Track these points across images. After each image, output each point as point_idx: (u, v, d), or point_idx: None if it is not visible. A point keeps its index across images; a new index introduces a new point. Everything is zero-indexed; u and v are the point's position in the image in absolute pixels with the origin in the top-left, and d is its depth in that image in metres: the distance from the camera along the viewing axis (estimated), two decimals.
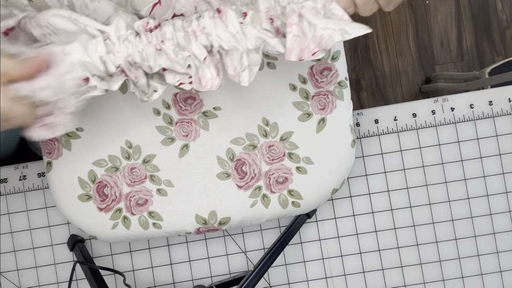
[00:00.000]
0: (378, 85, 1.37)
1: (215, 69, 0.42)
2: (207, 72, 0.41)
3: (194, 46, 0.40)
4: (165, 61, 0.41)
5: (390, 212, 0.65)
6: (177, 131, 0.57)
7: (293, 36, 0.40)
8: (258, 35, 0.41)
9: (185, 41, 0.41)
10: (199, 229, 0.58)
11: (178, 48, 0.41)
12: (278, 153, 0.57)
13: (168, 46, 0.41)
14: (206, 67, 0.41)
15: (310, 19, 0.39)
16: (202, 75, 0.41)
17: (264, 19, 0.41)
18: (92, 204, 0.57)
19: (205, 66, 0.41)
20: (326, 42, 0.39)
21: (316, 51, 0.40)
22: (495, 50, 1.38)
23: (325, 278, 0.65)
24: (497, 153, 0.65)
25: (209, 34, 0.40)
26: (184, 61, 0.41)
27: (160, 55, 0.41)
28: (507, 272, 0.65)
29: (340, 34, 0.39)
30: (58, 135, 0.42)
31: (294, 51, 0.40)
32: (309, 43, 0.40)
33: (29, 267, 0.65)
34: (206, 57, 0.41)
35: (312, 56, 0.40)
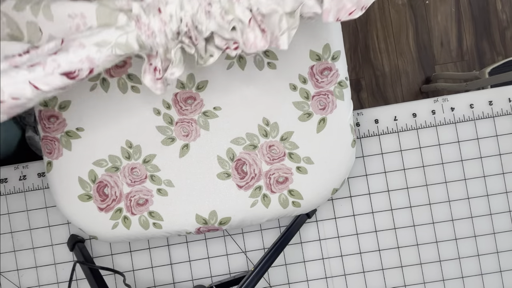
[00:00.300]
0: (378, 85, 1.37)
1: (260, 31, 0.41)
2: (251, 35, 0.41)
3: (237, 9, 0.41)
4: (214, 25, 0.41)
5: (390, 212, 0.65)
6: (177, 131, 0.57)
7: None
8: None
9: (229, 4, 0.41)
10: (199, 229, 0.58)
11: (224, 11, 0.41)
12: (279, 153, 0.57)
13: (215, 9, 0.41)
14: (251, 30, 0.41)
15: None
16: (246, 38, 0.41)
17: None
18: (92, 204, 0.57)
19: (250, 28, 0.41)
20: (365, 1, 0.40)
21: (353, 10, 0.40)
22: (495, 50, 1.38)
23: (325, 278, 0.65)
24: (497, 153, 0.65)
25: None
26: (229, 25, 0.41)
27: (209, 19, 0.41)
28: (507, 272, 0.65)
29: None
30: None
31: (332, 11, 0.41)
32: (345, 3, 0.40)
33: (29, 267, 0.65)
34: (250, 19, 0.41)
35: (349, 16, 0.41)
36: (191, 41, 0.42)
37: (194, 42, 0.42)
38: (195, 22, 0.41)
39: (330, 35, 0.57)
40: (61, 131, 0.57)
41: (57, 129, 0.57)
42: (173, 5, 0.40)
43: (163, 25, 0.40)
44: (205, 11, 0.40)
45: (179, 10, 0.40)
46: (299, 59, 0.57)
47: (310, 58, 0.57)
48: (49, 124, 0.57)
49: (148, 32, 0.40)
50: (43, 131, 0.57)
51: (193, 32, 0.41)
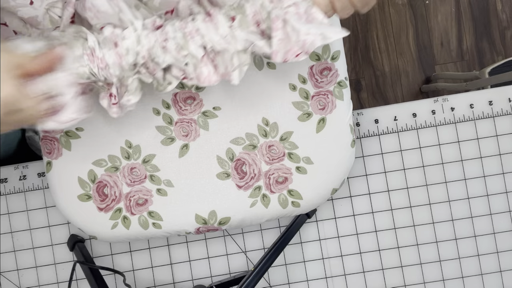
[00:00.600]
0: (378, 85, 1.37)
1: (213, 66, 0.44)
2: (204, 69, 0.44)
3: (191, 46, 0.43)
4: (170, 58, 0.43)
5: (390, 212, 0.65)
6: (177, 131, 0.57)
7: (278, 39, 0.43)
8: (247, 37, 0.43)
9: (183, 41, 0.43)
10: (199, 229, 0.58)
11: (179, 47, 0.43)
12: (278, 153, 0.57)
13: (171, 44, 0.43)
14: (204, 65, 0.44)
15: (294, 25, 0.42)
16: (200, 72, 0.44)
17: (251, 22, 0.44)
18: (92, 204, 0.57)
19: (203, 64, 0.44)
20: (308, 47, 0.43)
21: (299, 53, 0.43)
22: (495, 50, 1.38)
23: (325, 278, 0.65)
24: (497, 153, 0.65)
25: (203, 35, 0.43)
26: (184, 59, 0.43)
27: (165, 53, 0.43)
28: (507, 272, 0.65)
29: (321, 38, 0.42)
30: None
31: (279, 52, 0.43)
32: (293, 46, 0.43)
33: (29, 267, 0.65)
34: (204, 55, 0.43)
35: (295, 57, 0.43)
36: (148, 71, 0.44)
37: (152, 72, 0.44)
38: (151, 55, 0.43)
39: None
40: (60, 131, 0.57)
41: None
42: (129, 40, 0.43)
43: (118, 58, 0.43)
44: (161, 47, 0.43)
45: (135, 44, 0.43)
46: None
47: (309, 58, 0.57)
48: None
49: (101, 65, 0.43)
50: (42, 131, 0.57)
51: (150, 63, 0.44)
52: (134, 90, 0.45)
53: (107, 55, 0.42)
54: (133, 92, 0.45)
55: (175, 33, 0.43)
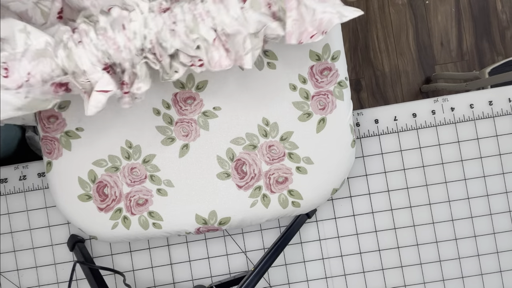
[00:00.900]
0: (378, 85, 1.37)
1: (224, 50, 0.43)
2: (215, 53, 0.42)
3: (202, 29, 0.41)
4: (179, 42, 0.42)
5: (390, 212, 0.65)
6: (177, 131, 0.57)
7: (292, 20, 0.42)
8: (259, 18, 0.42)
9: (194, 24, 0.41)
10: (199, 229, 0.58)
11: (188, 30, 0.42)
12: (278, 153, 0.57)
13: (180, 27, 0.41)
14: (215, 49, 0.42)
15: (308, 4, 0.41)
16: (210, 57, 0.42)
17: (263, 4, 0.42)
18: (92, 204, 0.57)
19: (214, 47, 0.42)
20: (326, 25, 0.41)
21: (315, 33, 0.42)
22: (495, 50, 1.38)
23: (325, 278, 0.65)
24: (497, 153, 0.65)
25: (214, 17, 0.41)
26: (193, 43, 0.42)
27: (174, 37, 0.42)
28: (507, 272, 0.65)
29: (338, 16, 0.41)
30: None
31: (294, 34, 0.42)
32: (307, 27, 0.42)
33: (29, 267, 0.65)
34: (215, 38, 0.42)
35: (310, 39, 0.42)
36: (155, 57, 0.43)
37: (159, 58, 0.43)
38: (159, 40, 0.41)
39: (330, 35, 0.56)
40: (60, 131, 0.57)
41: (56, 129, 0.57)
42: (137, 22, 0.41)
43: (127, 41, 0.41)
44: (170, 30, 0.41)
45: (143, 27, 0.41)
46: (299, 59, 0.57)
47: (310, 58, 0.57)
48: (49, 124, 0.57)
49: (114, 47, 0.41)
50: (42, 131, 0.57)
51: (158, 49, 0.42)
52: (144, 77, 0.43)
53: (118, 37, 0.41)
54: (143, 79, 0.43)
55: (184, 15, 0.41)
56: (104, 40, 0.41)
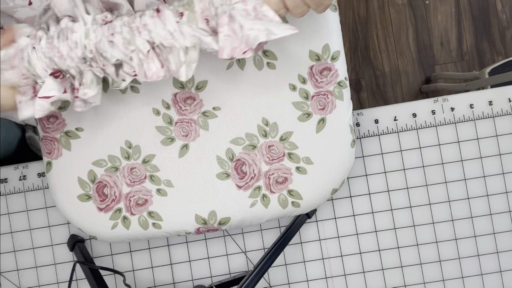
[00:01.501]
0: (378, 85, 1.37)
1: (159, 62, 0.45)
2: (152, 65, 0.44)
3: (138, 41, 0.44)
4: (118, 53, 0.44)
5: (390, 212, 0.65)
6: (176, 131, 0.57)
7: (224, 35, 0.43)
8: (193, 33, 0.44)
9: (130, 36, 0.44)
10: (199, 229, 0.58)
11: (126, 42, 0.44)
12: (278, 153, 0.57)
13: (118, 39, 0.43)
14: (151, 60, 0.44)
15: (240, 20, 0.42)
16: (147, 68, 0.44)
17: (200, 19, 0.43)
18: (91, 204, 0.57)
19: (150, 59, 0.44)
20: (252, 42, 0.42)
21: (246, 50, 0.43)
22: (495, 50, 1.38)
23: (325, 278, 0.65)
24: (497, 153, 0.65)
25: (150, 31, 0.44)
26: (131, 54, 0.44)
27: (113, 48, 0.44)
28: (507, 272, 0.65)
29: (266, 34, 0.42)
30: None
31: (226, 49, 0.43)
32: (240, 43, 0.43)
33: (29, 267, 0.65)
34: (149, 51, 0.44)
35: (243, 54, 0.43)
36: (98, 66, 0.45)
37: (102, 67, 0.45)
38: (99, 50, 0.44)
39: (329, 35, 0.57)
40: (60, 131, 0.57)
41: (56, 129, 0.57)
42: (78, 33, 0.44)
43: (69, 50, 0.44)
44: (108, 41, 0.44)
45: (83, 38, 0.44)
46: (299, 59, 0.57)
47: (309, 58, 0.57)
48: (49, 124, 0.57)
49: (58, 55, 0.44)
50: (42, 131, 0.57)
51: (99, 58, 0.44)
52: (90, 84, 0.45)
53: (62, 46, 0.43)
54: (89, 86, 0.45)
55: (122, 28, 0.44)
56: (50, 48, 0.44)
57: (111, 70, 0.45)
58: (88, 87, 0.45)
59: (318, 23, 0.56)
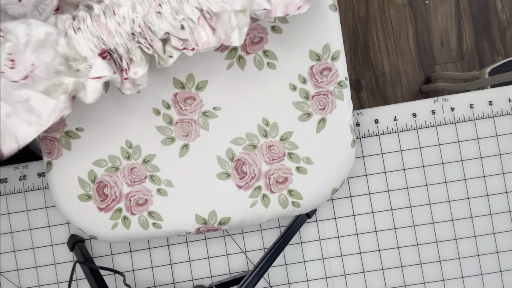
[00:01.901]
0: (378, 85, 1.37)
1: (210, 28, 0.43)
2: (202, 34, 0.42)
3: (187, 8, 0.41)
4: (166, 25, 0.42)
5: (390, 212, 0.65)
6: (177, 131, 0.57)
7: None
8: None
9: (178, 4, 0.42)
10: (199, 229, 0.58)
11: (174, 12, 0.42)
12: (278, 153, 0.57)
13: (166, 9, 0.42)
14: (201, 28, 0.42)
15: None
16: (198, 37, 0.43)
17: None
18: (92, 204, 0.57)
19: (200, 26, 0.42)
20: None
21: (301, 5, 0.41)
22: (495, 50, 1.38)
23: (325, 278, 0.65)
24: (497, 153, 0.65)
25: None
26: (181, 23, 0.42)
27: (161, 19, 0.42)
28: (507, 272, 0.65)
29: None
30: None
31: (279, 6, 0.41)
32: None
33: (29, 267, 0.65)
34: (199, 17, 0.42)
35: (297, 10, 0.41)
36: (147, 42, 0.43)
37: (150, 43, 0.43)
38: (147, 23, 0.42)
39: (329, 35, 0.57)
40: (60, 131, 0.57)
41: (56, 129, 0.57)
42: (125, 7, 0.41)
43: (118, 26, 0.42)
44: (156, 12, 0.42)
45: (131, 11, 0.42)
46: (299, 59, 0.57)
47: (309, 58, 0.57)
48: None
49: (106, 32, 0.42)
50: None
51: (147, 33, 0.42)
52: (140, 61, 0.43)
53: (109, 22, 0.42)
54: (139, 63, 0.43)
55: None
56: (98, 26, 0.41)
57: (158, 46, 0.43)
58: (138, 65, 0.43)
59: (318, 23, 0.56)
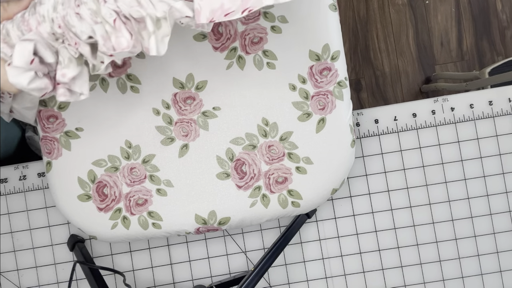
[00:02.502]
0: (378, 85, 1.37)
1: (128, 32, 0.40)
2: (121, 38, 0.39)
3: (103, 10, 0.39)
4: (87, 27, 0.39)
5: (390, 212, 0.65)
6: (176, 131, 0.57)
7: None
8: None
9: (96, 6, 0.39)
10: (198, 229, 0.58)
11: (93, 14, 0.39)
12: (278, 153, 0.57)
13: (84, 10, 0.39)
14: (119, 32, 0.39)
15: None
16: (115, 41, 0.40)
17: None
18: (91, 204, 0.57)
19: (118, 30, 0.39)
20: (254, 3, 0.36)
21: (231, 11, 0.37)
22: (495, 50, 1.38)
23: (325, 278, 0.65)
24: (497, 153, 0.65)
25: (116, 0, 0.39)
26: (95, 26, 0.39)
27: (81, 21, 0.39)
28: (507, 272, 0.65)
29: None
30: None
31: (203, 12, 0.38)
32: (223, 2, 0.37)
33: (29, 267, 0.65)
34: (115, 19, 0.39)
35: (225, 17, 0.38)
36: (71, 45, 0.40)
37: (74, 46, 0.40)
38: (67, 25, 0.39)
39: (329, 35, 0.57)
40: (60, 131, 0.57)
41: (56, 129, 0.57)
42: (45, 5, 0.39)
43: (37, 25, 0.39)
44: (75, 13, 0.39)
45: (51, 11, 0.39)
46: (299, 59, 0.57)
47: (309, 58, 0.57)
48: (49, 124, 0.57)
49: (27, 28, 0.40)
50: (42, 131, 0.57)
51: (69, 34, 0.40)
52: (68, 62, 0.40)
53: (31, 19, 0.39)
54: (67, 65, 0.40)
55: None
56: (21, 21, 0.40)
57: (85, 50, 0.40)
58: (66, 67, 0.40)
59: (318, 23, 0.56)
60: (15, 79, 0.38)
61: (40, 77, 0.40)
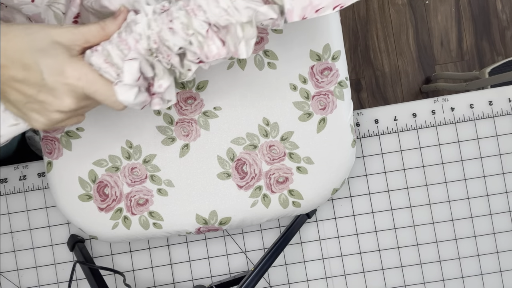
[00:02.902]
0: (378, 85, 1.37)
1: (219, 40, 0.43)
2: (212, 46, 0.43)
3: (195, 23, 0.42)
4: (180, 40, 0.42)
5: (390, 212, 0.65)
6: (177, 131, 0.57)
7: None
8: (247, 5, 0.42)
9: (187, 19, 0.42)
10: (199, 229, 0.58)
11: (185, 27, 0.42)
12: (279, 153, 0.57)
13: (176, 24, 0.42)
14: (211, 41, 0.43)
15: None
16: (208, 50, 0.43)
17: None
18: (92, 204, 0.57)
19: (209, 39, 0.42)
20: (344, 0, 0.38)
21: (321, 7, 0.39)
22: (495, 50, 1.38)
23: (325, 278, 0.65)
24: (497, 153, 0.65)
25: (205, 11, 0.42)
26: (190, 38, 0.43)
27: (174, 35, 0.42)
28: (507, 272, 0.65)
29: None
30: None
31: (295, 11, 0.40)
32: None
33: (29, 267, 0.65)
34: (208, 30, 0.42)
35: (315, 13, 0.40)
36: (164, 57, 0.44)
37: (168, 58, 0.44)
38: (162, 40, 0.43)
39: (330, 35, 0.57)
40: (61, 131, 0.57)
41: (57, 129, 0.57)
42: (141, 24, 0.43)
43: (135, 43, 0.43)
44: (168, 28, 0.42)
45: (146, 29, 0.42)
46: (299, 59, 0.57)
47: (310, 58, 0.57)
48: None
49: (126, 47, 0.43)
50: (43, 131, 0.57)
51: (163, 48, 0.43)
52: (163, 74, 0.44)
53: (129, 39, 0.43)
54: (162, 76, 0.44)
55: (179, 12, 0.42)
56: (120, 41, 0.43)
57: (176, 61, 0.44)
58: (161, 78, 0.44)
59: (319, 23, 0.56)
60: (123, 97, 0.42)
61: (142, 91, 0.43)
